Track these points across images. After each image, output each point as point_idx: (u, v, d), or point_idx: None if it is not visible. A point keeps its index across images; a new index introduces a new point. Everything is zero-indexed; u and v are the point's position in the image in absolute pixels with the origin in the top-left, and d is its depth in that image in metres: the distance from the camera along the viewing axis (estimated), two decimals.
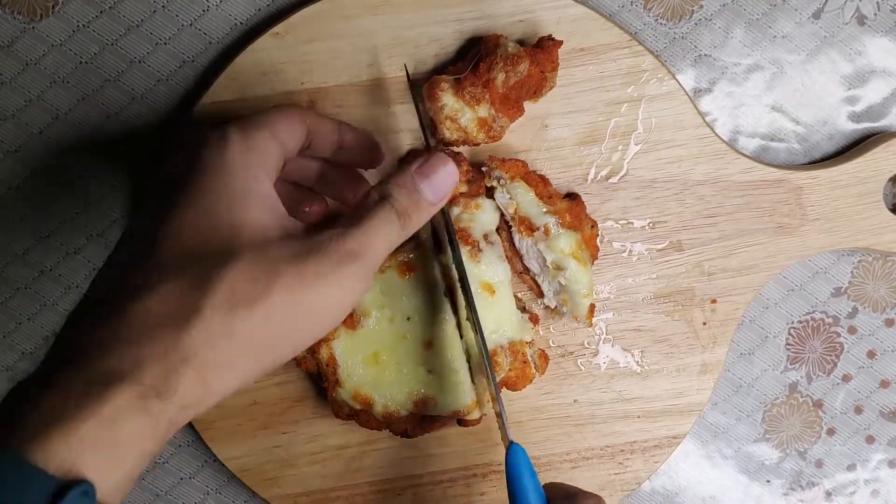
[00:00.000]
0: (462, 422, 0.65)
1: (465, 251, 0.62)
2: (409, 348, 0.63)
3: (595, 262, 0.67)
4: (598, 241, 0.67)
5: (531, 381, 0.65)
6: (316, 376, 0.66)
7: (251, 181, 0.50)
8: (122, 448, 0.42)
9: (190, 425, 0.68)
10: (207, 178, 0.50)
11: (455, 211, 0.63)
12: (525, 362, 0.63)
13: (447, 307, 0.63)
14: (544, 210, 0.63)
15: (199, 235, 0.48)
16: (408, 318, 0.63)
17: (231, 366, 0.46)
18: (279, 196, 0.52)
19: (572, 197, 0.66)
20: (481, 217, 0.63)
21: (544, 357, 0.66)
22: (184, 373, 0.44)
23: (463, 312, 0.62)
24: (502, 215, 0.65)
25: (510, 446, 0.56)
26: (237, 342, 0.46)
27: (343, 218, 0.51)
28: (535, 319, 0.67)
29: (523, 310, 0.66)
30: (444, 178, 0.53)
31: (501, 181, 0.63)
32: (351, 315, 0.62)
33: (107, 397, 0.42)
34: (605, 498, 0.70)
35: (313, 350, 0.63)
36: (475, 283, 0.62)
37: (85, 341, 0.45)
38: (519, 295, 0.67)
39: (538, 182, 0.64)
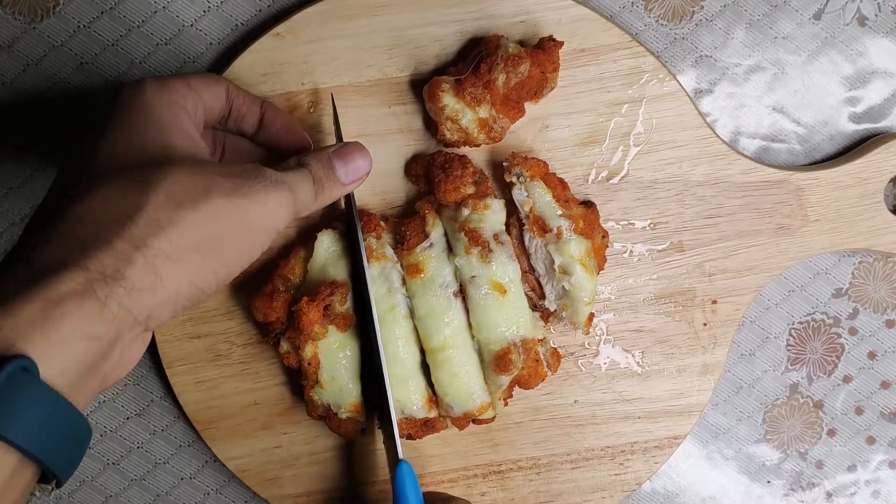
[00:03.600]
0: (476, 421, 0.65)
1: (475, 252, 0.62)
2: (412, 349, 0.63)
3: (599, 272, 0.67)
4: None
5: (543, 380, 0.64)
6: (297, 373, 0.66)
7: (171, 116, 0.53)
8: (67, 330, 0.43)
9: (190, 425, 0.68)
10: (130, 112, 0.52)
11: (464, 212, 0.63)
12: (538, 360, 0.63)
13: (456, 308, 0.63)
14: (559, 213, 0.63)
15: (131, 150, 0.51)
16: (416, 320, 0.63)
17: (180, 258, 0.47)
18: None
19: (588, 205, 0.66)
20: (490, 217, 0.63)
21: (556, 355, 0.66)
22: (133, 259, 0.46)
23: (473, 313, 0.63)
24: (515, 213, 0.65)
25: (399, 463, 0.60)
26: (184, 236, 0.48)
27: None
28: (545, 317, 0.67)
29: (534, 308, 0.66)
30: (358, 163, 0.58)
31: (521, 178, 0.64)
32: (342, 318, 0.62)
33: (50, 282, 0.43)
34: (606, 498, 0.70)
35: (298, 347, 0.63)
36: (487, 284, 0.62)
37: (31, 242, 0.46)
38: (527, 293, 0.67)
39: (557, 185, 0.64)
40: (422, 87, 0.65)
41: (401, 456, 0.60)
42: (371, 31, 0.65)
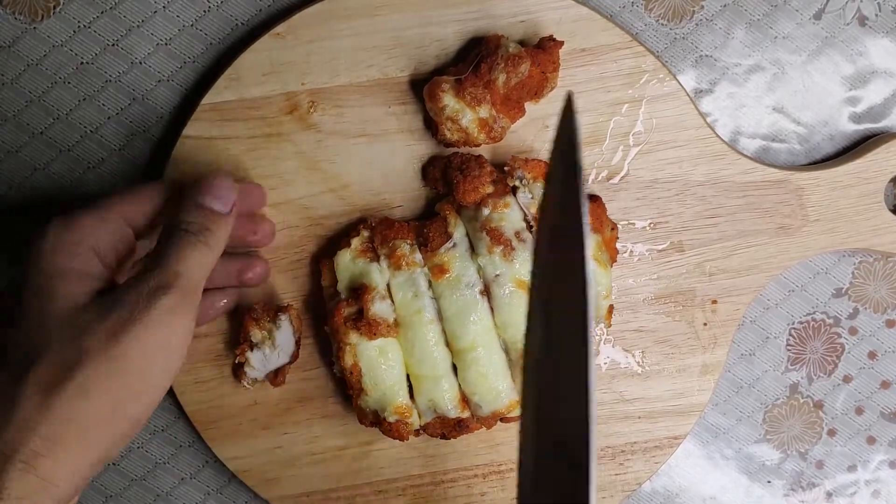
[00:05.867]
0: (505, 419, 0.65)
1: (498, 251, 0.62)
2: (442, 350, 0.63)
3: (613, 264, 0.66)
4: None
5: None
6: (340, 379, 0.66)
7: (61, 259, 0.51)
8: None
9: (190, 425, 0.68)
10: (25, 276, 0.51)
11: (484, 212, 0.63)
12: None
13: (483, 307, 0.63)
14: None
15: (15, 343, 0.49)
16: (441, 321, 0.63)
17: (66, 448, 0.46)
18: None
19: (593, 198, 0.66)
20: (511, 215, 0.63)
21: None
22: (9, 469, 0.45)
23: (499, 312, 0.63)
24: (524, 216, 0.65)
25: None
26: (62, 424, 0.46)
27: (145, 258, 0.53)
28: None
29: None
30: (222, 189, 0.55)
31: (524, 181, 0.63)
32: (370, 323, 0.62)
33: None
34: (606, 498, 0.70)
35: (338, 356, 0.63)
36: (511, 283, 0.62)
37: None
38: None
39: None
40: (422, 87, 0.65)
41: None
42: (371, 31, 0.65)
